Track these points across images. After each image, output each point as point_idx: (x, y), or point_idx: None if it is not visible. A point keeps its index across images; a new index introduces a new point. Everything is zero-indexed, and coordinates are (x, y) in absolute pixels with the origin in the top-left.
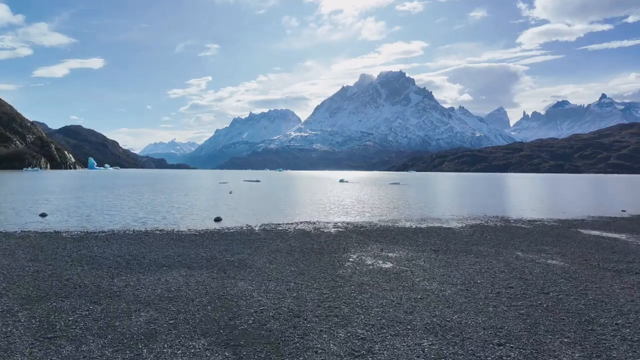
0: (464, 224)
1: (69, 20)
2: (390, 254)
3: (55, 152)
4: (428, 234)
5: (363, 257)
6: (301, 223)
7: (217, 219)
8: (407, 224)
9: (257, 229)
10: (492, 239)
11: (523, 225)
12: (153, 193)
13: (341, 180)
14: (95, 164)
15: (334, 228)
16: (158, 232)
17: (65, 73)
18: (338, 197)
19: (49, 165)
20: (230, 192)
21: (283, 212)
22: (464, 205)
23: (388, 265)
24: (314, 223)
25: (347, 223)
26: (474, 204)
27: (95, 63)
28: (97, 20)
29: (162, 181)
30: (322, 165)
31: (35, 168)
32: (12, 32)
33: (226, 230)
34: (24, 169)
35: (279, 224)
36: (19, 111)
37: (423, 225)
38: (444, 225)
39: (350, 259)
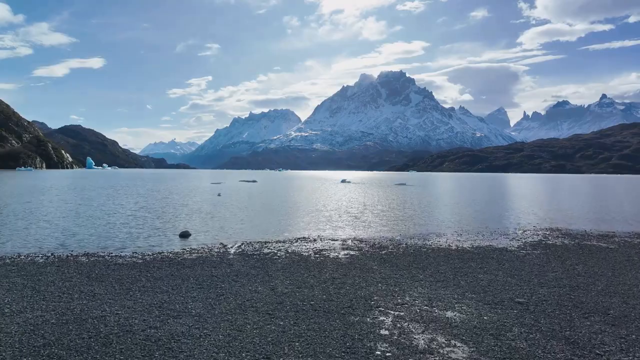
0: (521, 242)
1: (69, 20)
2: (449, 314)
3: (51, 152)
4: (484, 262)
5: (405, 325)
6: (296, 241)
7: (184, 235)
8: (443, 242)
9: (232, 251)
10: (589, 274)
11: (602, 244)
12: (127, 196)
13: (343, 181)
14: (94, 164)
15: (342, 250)
16: (82, 259)
17: (66, 73)
18: (342, 201)
19: (44, 165)
20: (219, 195)
21: (275, 222)
22: (498, 213)
23: (463, 352)
24: (315, 241)
25: (361, 241)
26: (510, 211)
27: (96, 63)
28: (97, 20)
29: (151, 182)
30: (322, 165)
31: (28, 168)
32: (12, 32)
33: (186, 256)
34: (17, 168)
35: (265, 243)
36: (16, 110)
37: (466, 245)
38: (495, 244)
39: (383, 331)
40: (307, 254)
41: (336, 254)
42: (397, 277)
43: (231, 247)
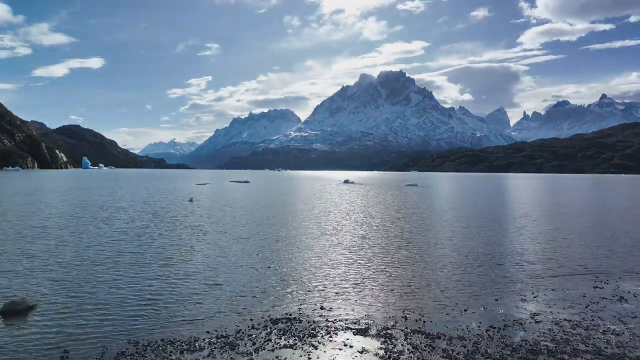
0: None
1: (69, 20)
2: None
3: (45, 152)
4: None
5: None
6: (267, 341)
7: (10, 311)
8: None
9: None
10: None
11: None
12: (55, 205)
13: (345, 181)
14: (90, 164)
15: None
16: None
17: (65, 73)
18: (352, 213)
19: (36, 165)
20: (190, 200)
21: (238, 268)
22: (593, 234)
23: None
24: (312, 339)
25: (426, 335)
26: (605, 230)
27: (95, 63)
28: (96, 20)
29: (132, 182)
30: (322, 165)
31: (16, 167)
32: (12, 32)
33: None
34: (4, 168)
35: (188, 353)
36: (16, 110)
37: None
38: None
39: None
40: None
41: None
42: None
43: None
